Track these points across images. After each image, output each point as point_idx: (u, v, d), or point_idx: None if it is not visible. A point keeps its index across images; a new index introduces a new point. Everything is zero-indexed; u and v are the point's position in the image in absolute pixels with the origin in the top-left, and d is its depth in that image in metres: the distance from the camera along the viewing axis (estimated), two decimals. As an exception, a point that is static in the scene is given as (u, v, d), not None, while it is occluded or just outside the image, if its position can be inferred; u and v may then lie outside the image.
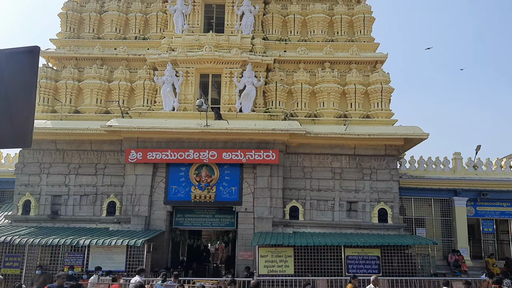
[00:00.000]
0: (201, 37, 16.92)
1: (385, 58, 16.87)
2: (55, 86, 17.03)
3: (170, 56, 16.41)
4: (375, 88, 16.44)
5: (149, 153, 15.45)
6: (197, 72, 16.70)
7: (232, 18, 17.48)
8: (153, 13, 17.92)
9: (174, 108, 16.24)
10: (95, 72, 16.90)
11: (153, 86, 16.80)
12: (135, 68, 17.34)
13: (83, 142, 16.20)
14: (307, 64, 17.14)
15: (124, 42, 17.65)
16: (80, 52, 17.31)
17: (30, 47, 4.12)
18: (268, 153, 15.32)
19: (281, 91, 16.58)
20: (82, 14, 18.19)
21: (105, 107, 16.95)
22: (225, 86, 16.53)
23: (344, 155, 15.94)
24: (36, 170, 16.23)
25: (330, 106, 16.45)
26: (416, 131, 15.38)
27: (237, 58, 16.29)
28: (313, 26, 17.70)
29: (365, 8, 17.65)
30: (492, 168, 18.10)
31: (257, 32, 17.60)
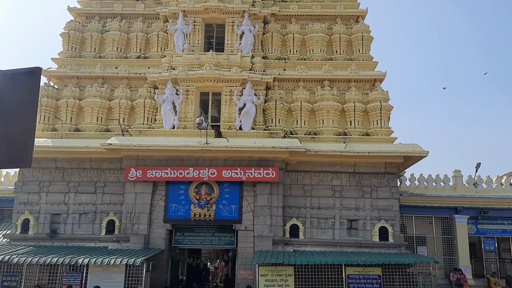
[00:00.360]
0: (201, 56, 17.10)
1: (383, 77, 17.01)
2: (56, 104, 17.14)
3: (171, 75, 16.55)
4: (374, 106, 16.53)
5: (148, 171, 15.45)
6: (197, 90, 16.82)
7: (232, 37, 17.69)
8: (154, 33, 18.14)
9: (174, 126, 16.31)
10: (96, 91, 17.02)
11: (154, 105, 16.90)
12: (136, 87, 17.48)
13: (83, 160, 16.22)
14: (307, 82, 17.27)
15: (125, 61, 17.83)
16: (81, 71, 17.47)
17: (32, 68, 4.18)
18: (268, 171, 15.31)
19: (280, 109, 16.68)
20: (84, 33, 18.41)
21: (106, 125, 17.02)
22: (225, 104, 16.63)
23: (344, 172, 15.93)
24: (36, 188, 16.21)
25: (329, 124, 16.51)
26: (415, 149, 15.41)
27: (237, 76, 16.43)
28: (312, 45, 17.89)
29: (363, 28, 17.87)
30: (492, 185, 18.06)
31: (257, 51, 17.79)
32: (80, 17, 18.91)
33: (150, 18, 18.77)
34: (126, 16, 18.83)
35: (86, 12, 18.75)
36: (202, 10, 17.62)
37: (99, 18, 18.73)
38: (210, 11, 17.69)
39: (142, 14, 18.72)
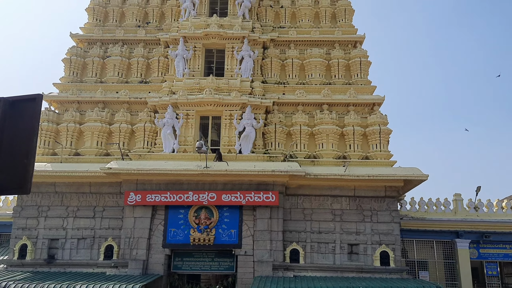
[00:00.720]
0: (201, 80, 17.28)
1: (382, 101, 17.15)
2: (56, 129, 17.22)
3: (171, 99, 16.69)
4: (373, 130, 16.61)
5: (148, 195, 15.40)
6: (197, 114, 16.94)
7: (232, 62, 17.91)
8: (155, 58, 18.39)
9: (174, 150, 16.36)
10: (96, 115, 17.13)
11: (154, 129, 16.98)
12: (136, 111, 17.60)
13: (82, 185, 16.19)
14: (306, 106, 17.40)
15: (126, 86, 18.01)
16: (82, 96, 17.62)
17: (33, 95, 4.22)
18: (268, 194, 15.26)
19: (280, 133, 16.75)
20: (86, 59, 18.66)
21: (106, 150, 17.06)
22: (224, 128, 16.71)
23: (344, 196, 15.88)
24: (34, 213, 16.12)
25: (329, 148, 16.56)
26: (415, 172, 15.40)
27: (237, 100, 16.57)
28: (311, 70, 18.11)
29: (361, 53, 18.12)
30: (493, 209, 17.97)
31: (257, 76, 17.99)
32: (82, 43, 19.20)
33: (151, 43, 19.05)
34: (128, 42, 19.12)
35: (88, 38, 19.05)
36: (203, 36, 17.91)
37: (101, 44, 19.01)
38: (210, 37, 17.98)
39: (143, 40, 19.01)
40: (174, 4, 19.46)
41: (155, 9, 19.61)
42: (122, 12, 19.82)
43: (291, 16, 19.44)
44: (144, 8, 19.74)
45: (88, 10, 19.58)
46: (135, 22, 19.47)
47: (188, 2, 18.80)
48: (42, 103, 4.62)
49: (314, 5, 19.42)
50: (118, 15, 19.70)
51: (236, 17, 18.57)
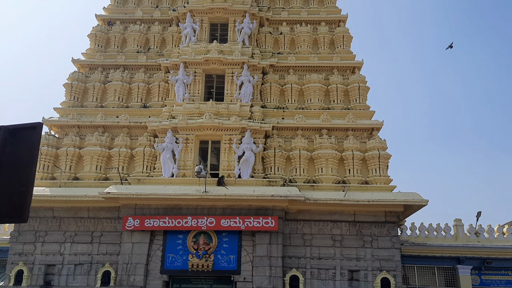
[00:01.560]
0: (201, 105, 17.41)
1: (381, 126, 17.25)
2: (55, 153, 17.24)
3: (171, 124, 16.78)
4: (372, 155, 16.64)
5: (146, 220, 15.29)
6: (197, 139, 16.99)
7: (231, 87, 18.08)
8: (155, 83, 18.57)
9: (173, 174, 16.34)
10: (96, 139, 17.18)
11: (153, 153, 17.00)
12: (136, 135, 17.66)
13: (80, 209, 16.09)
14: (305, 131, 17.48)
15: (126, 111, 18.12)
16: (82, 120, 17.72)
17: (33, 123, 4.27)
18: (267, 220, 15.16)
19: (279, 157, 16.77)
20: (87, 84, 18.84)
21: (105, 174, 17.03)
22: (224, 153, 16.74)
23: (344, 221, 15.78)
24: (31, 238, 15.97)
25: (328, 172, 16.54)
26: (415, 197, 15.35)
27: (236, 125, 16.65)
28: (310, 95, 18.26)
29: (360, 78, 18.32)
30: (494, 235, 17.82)
31: (256, 101, 18.13)
32: (84, 68, 19.42)
33: (152, 69, 19.27)
34: (129, 67, 19.34)
35: (89, 63, 19.28)
36: (203, 62, 18.14)
37: (102, 69, 19.23)
38: (211, 63, 18.20)
39: (144, 65, 19.23)
40: (175, 30, 19.78)
41: (156, 35, 19.92)
42: (124, 38, 20.12)
43: (290, 42, 19.74)
44: (145, 34, 20.05)
45: (90, 36, 19.88)
46: (136, 48, 19.75)
47: (189, 29, 19.12)
48: (43, 128, 4.66)
49: (312, 31, 19.74)
50: (119, 41, 20.00)
51: (236, 43, 18.85)
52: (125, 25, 20.37)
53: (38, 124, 4.18)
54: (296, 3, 20.60)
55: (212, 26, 19.77)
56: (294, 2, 20.66)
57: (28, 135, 4.19)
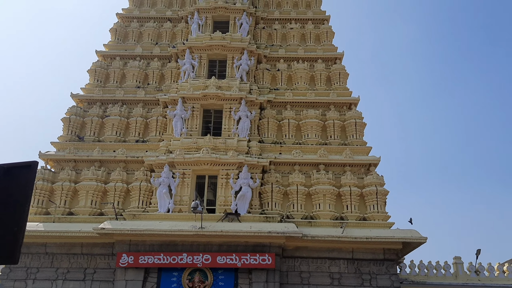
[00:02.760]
0: (199, 140, 17.44)
1: (378, 161, 17.27)
2: (51, 187, 17.09)
3: (168, 158, 16.75)
4: (370, 191, 16.57)
5: (141, 257, 14.99)
6: (194, 173, 16.92)
7: (229, 122, 18.19)
8: (153, 118, 18.67)
9: (169, 209, 16.17)
10: (92, 174, 17.08)
11: (149, 188, 16.88)
12: (133, 170, 17.59)
13: (74, 245, 15.79)
14: (302, 166, 17.46)
15: (124, 145, 18.12)
16: (79, 155, 17.67)
17: (28, 162, 4.22)
18: (264, 257, 14.89)
19: (277, 193, 16.67)
20: (85, 118, 18.92)
21: (100, 209, 16.84)
22: (221, 188, 16.63)
23: (342, 259, 15.51)
24: (23, 275, 15.57)
25: (326, 208, 16.41)
26: (414, 235, 15.17)
27: (234, 160, 16.63)
28: (307, 130, 18.36)
29: (356, 114, 18.49)
30: (494, 273, 17.50)
31: (253, 136, 18.19)
32: (82, 102, 19.56)
33: (150, 104, 19.42)
34: (127, 102, 19.48)
35: (88, 98, 19.43)
36: (201, 97, 18.31)
37: (100, 103, 19.37)
38: (209, 98, 18.38)
39: (143, 100, 19.38)
40: (174, 66, 20.08)
41: (155, 71, 20.19)
42: (123, 74, 20.38)
43: (288, 78, 20.03)
44: (144, 70, 20.33)
45: (90, 72, 20.14)
46: (135, 83, 19.98)
47: (187, 65, 19.42)
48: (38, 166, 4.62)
49: (309, 68, 20.08)
50: (119, 77, 20.24)
51: (234, 79, 19.10)
52: (125, 61, 20.68)
53: (33, 163, 4.14)
54: (293, 41, 21.05)
55: (210, 62, 20.10)
56: (291, 40, 21.11)
57: (22, 174, 4.14)
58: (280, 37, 21.28)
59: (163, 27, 21.52)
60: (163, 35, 21.42)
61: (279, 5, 22.43)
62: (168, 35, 21.37)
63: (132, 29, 21.52)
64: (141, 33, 21.61)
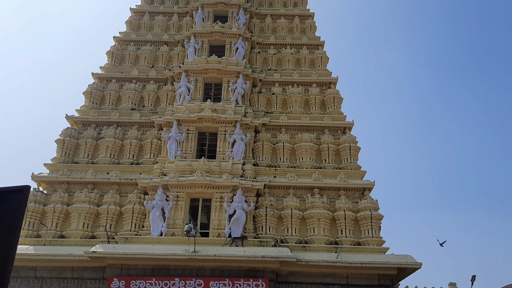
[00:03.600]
0: (193, 162, 17.41)
1: (372, 186, 17.28)
2: (42, 210, 16.90)
3: (162, 181, 16.66)
4: (364, 215, 16.52)
5: (132, 281, 14.72)
6: (188, 196, 16.82)
7: (224, 145, 18.20)
8: (148, 140, 18.65)
9: (162, 233, 15.99)
10: (85, 196, 16.94)
11: (142, 211, 16.74)
12: (126, 192, 17.46)
13: (64, 269, 15.51)
14: (297, 189, 17.43)
15: (117, 167, 18.04)
16: (72, 177, 17.55)
17: (20, 186, 4.18)
18: (258, 282, 14.69)
19: (271, 216, 16.57)
20: (79, 140, 18.86)
21: (92, 232, 16.63)
22: (214, 211, 16.52)
23: (336, 284, 15.32)
24: (10, 299, 15.23)
25: (320, 233, 16.31)
26: (408, 260, 15.06)
27: (228, 183, 16.58)
28: (302, 154, 18.40)
29: (350, 138, 18.59)
30: (490, 300, 17.36)
31: (248, 159, 18.19)
32: (77, 124, 19.53)
33: (145, 126, 19.44)
34: (122, 124, 19.48)
35: (83, 120, 19.42)
36: (196, 120, 18.37)
37: (95, 125, 19.35)
38: (204, 121, 18.44)
39: (138, 123, 19.40)
40: (170, 89, 20.20)
41: (151, 94, 20.29)
42: (119, 96, 20.45)
43: (282, 102, 20.17)
44: (140, 92, 20.42)
45: (86, 94, 20.19)
46: (130, 105, 20.03)
47: (183, 88, 19.55)
48: (30, 190, 4.57)
49: (304, 92, 20.26)
50: (114, 99, 20.30)
51: (229, 102, 19.22)
52: (121, 83, 20.78)
53: (25, 188, 4.10)
54: (288, 65, 21.30)
55: (206, 85, 20.24)
56: (286, 64, 21.36)
57: (13, 199, 4.09)
58: (275, 62, 21.53)
59: (160, 51, 21.74)
60: (160, 58, 21.61)
61: (274, 30, 22.78)
62: (165, 58, 21.57)
63: (129, 52, 21.72)
64: (138, 56, 21.80)
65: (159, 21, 22.83)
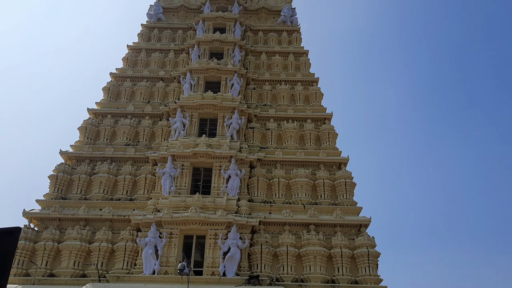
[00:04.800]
0: (187, 198, 17.22)
1: (368, 222, 17.12)
2: (33, 247, 16.51)
3: (155, 217, 16.41)
4: (361, 253, 16.26)
5: (123, 322, 14.24)
6: (181, 233, 16.54)
7: (219, 180, 18.08)
8: (142, 176, 18.51)
9: (155, 271, 15.60)
10: (76, 233, 16.61)
11: (135, 248, 16.39)
12: (119, 229, 17.16)
13: (52, 310, 14.99)
14: (292, 226, 17.21)
15: (111, 203, 17.80)
16: (64, 213, 17.26)
17: (11, 228, 4.10)
18: (253, 322, 14.23)
19: (266, 254, 16.27)
20: (73, 176, 18.68)
21: (83, 270, 16.21)
22: (209, 248, 16.20)
23: (334, 325, 14.88)
24: None
25: (317, 271, 15.98)
26: (407, 299, 14.72)
27: (223, 219, 16.36)
28: (297, 189, 18.29)
29: (346, 174, 18.55)
30: None
31: (243, 194, 18.03)
32: (71, 160, 19.39)
33: (140, 161, 19.33)
34: (116, 159, 19.38)
35: (77, 155, 19.30)
36: (191, 155, 18.32)
37: (89, 161, 19.22)
38: (199, 156, 18.38)
39: (132, 158, 19.31)
40: (165, 124, 20.24)
41: (146, 129, 20.30)
42: (114, 131, 20.43)
43: (277, 137, 20.23)
44: (135, 128, 20.43)
45: (81, 129, 20.16)
46: (125, 141, 20.00)
47: (178, 123, 19.60)
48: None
49: (299, 128, 20.37)
50: (109, 134, 20.28)
51: (225, 138, 19.24)
52: (116, 119, 20.81)
53: (15, 229, 4.02)
54: (283, 101, 21.50)
55: (201, 121, 20.32)
56: (281, 100, 21.56)
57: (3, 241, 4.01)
58: (270, 97, 21.75)
59: (156, 86, 21.93)
60: (155, 94, 21.77)
61: (269, 67, 23.14)
62: (160, 94, 21.73)
63: (125, 87, 21.88)
64: (134, 91, 21.96)
65: (156, 57, 23.15)
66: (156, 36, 24.44)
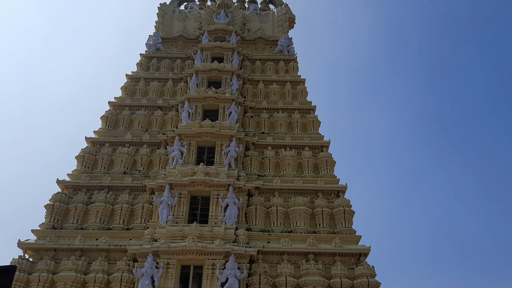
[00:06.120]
0: (185, 227, 17.06)
1: (368, 251, 16.94)
2: (27, 279, 16.19)
3: (152, 247, 16.21)
4: (361, 283, 16.02)
5: None
6: (179, 263, 16.30)
7: (216, 209, 17.96)
8: (139, 204, 18.38)
9: (152, 303, 15.29)
10: (72, 264, 16.35)
11: (131, 279, 16.11)
12: (115, 259, 16.90)
13: None
14: (291, 255, 17.01)
15: (107, 233, 17.59)
16: (59, 243, 17.03)
17: (6, 266, 4.04)
18: None
19: (265, 284, 16.00)
20: (69, 205, 18.52)
21: (77, 303, 15.85)
22: (206, 279, 15.93)
23: None
24: None
25: (316, 302, 15.68)
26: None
27: (220, 249, 16.16)
28: (296, 218, 18.16)
29: (344, 202, 18.47)
30: None
31: (241, 223, 17.88)
32: (68, 189, 19.27)
33: (137, 190, 19.23)
34: (113, 188, 19.26)
35: (74, 184, 19.19)
36: (189, 183, 18.25)
37: (86, 190, 19.10)
38: (196, 184, 18.31)
39: (129, 187, 19.21)
40: (163, 153, 20.24)
41: (144, 157, 20.28)
42: (111, 160, 20.39)
43: (275, 165, 20.22)
44: (133, 156, 20.41)
45: (78, 158, 20.12)
46: (122, 169, 19.93)
47: (176, 151, 19.61)
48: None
49: (297, 156, 20.39)
50: (107, 163, 20.23)
51: (222, 166, 19.22)
52: (114, 147, 20.80)
53: (11, 268, 3.96)
54: (281, 129, 21.60)
55: (199, 149, 20.33)
56: (278, 128, 21.67)
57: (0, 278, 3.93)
58: (268, 125, 21.86)
59: (154, 115, 22.04)
60: (154, 123, 21.86)
61: (266, 95, 23.35)
62: (159, 123, 21.82)
63: (123, 116, 21.98)
64: (132, 120, 22.04)
65: (154, 86, 23.36)
66: (155, 66, 24.74)
